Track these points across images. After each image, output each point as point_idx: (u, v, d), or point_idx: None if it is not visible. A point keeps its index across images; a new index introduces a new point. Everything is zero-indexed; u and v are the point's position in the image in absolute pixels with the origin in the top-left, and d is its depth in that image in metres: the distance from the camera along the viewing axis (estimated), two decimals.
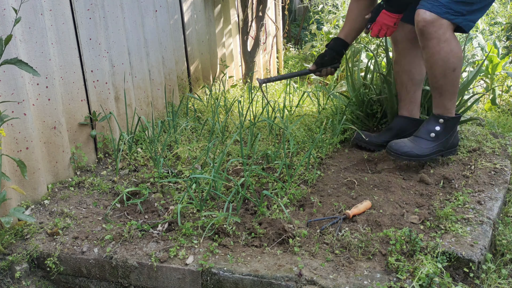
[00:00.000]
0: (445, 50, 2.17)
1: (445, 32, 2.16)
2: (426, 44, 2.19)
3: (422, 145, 2.26)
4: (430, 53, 2.19)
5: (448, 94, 2.25)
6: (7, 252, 1.91)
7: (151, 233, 1.92)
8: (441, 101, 2.27)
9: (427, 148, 2.26)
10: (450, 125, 2.28)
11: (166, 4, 3.05)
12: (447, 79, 2.22)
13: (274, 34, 4.50)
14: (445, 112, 2.28)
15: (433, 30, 2.15)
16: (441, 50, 2.16)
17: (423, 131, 2.29)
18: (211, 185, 2.10)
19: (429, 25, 2.15)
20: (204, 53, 3.59)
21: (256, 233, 1.87)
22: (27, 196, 2.15)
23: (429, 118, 2.32)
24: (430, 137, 2.27)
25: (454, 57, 2.19)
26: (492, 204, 2.00)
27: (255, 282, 1.65)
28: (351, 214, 1.94)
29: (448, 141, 2.30)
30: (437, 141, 2.27)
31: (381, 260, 1.70)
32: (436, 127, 2.27)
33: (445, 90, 2.24)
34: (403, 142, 2.27)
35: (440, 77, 2.22)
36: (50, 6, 2.21)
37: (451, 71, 2.20)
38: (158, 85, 3.03)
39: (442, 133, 2.27)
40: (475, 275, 1.67)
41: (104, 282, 1.87)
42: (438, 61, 2.19)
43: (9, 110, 2.00)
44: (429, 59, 2.21)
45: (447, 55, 2.17)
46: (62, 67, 2.31)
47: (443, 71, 2.20)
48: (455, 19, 2.16)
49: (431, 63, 2.21)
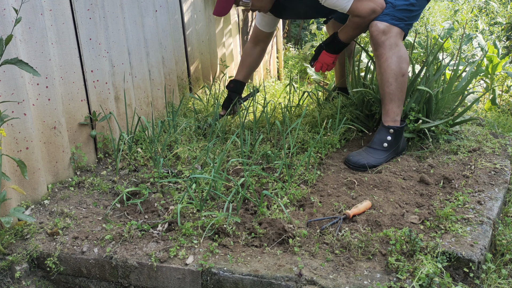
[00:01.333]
0: (396, 56, 2.39)
1: (396, 39, 2.40)
2: (380, 52, 2.42)
3: (377, 155, 2.42)
4: (383, 59, 2.41)
5: (397, 100, 2.44)
6: (7, 252, 1.91)
7: (151, 233, 1.92)
8: (391, 108, 2.44)
9: (382, 158, 2.43)
10: (399, 134, 2.46)
11: (166, 4, 3.05)
12: (398, 84, 2.41)
13: (274, 34, 4.50)
14: (395, 120, 2.45)
15: (385, 38, 2.39)
16: (393, 55, 2.39)
17: (376, 142, 2.45)
18: (211, 185, 2.10)
19: (381, 34, 2.39)
20: (204, 53, 3.59)
21: (256, 233, 1.87)
22: (27, 196, 2.15)
23: (380, 129, 2.47)
24: (383, 147, 2.44)
25: (404, 62, 2.41)
26: (492, 204, 2.00)
27: (255, 282, 1.65)
28: (351, 214, 1.94)
29: (398, 147, 2.48)
30: (390, 149, 2.45)
31: (381, 260, 1.71)
32: (388, 137, 2.43)
33: (395, 95, 2.43)
34: (360, 155, 2.43)
35: (393, 81, 2.41)
36: (50, 6, 2.21)
37: (401, 76, 2.41)
38: (158, 85, 3.03)
39: (394, 142, 2.44)
40: (475, 275, 1.67)
41: (104, 282, 1.87)
42: (391, 65, 2.39)
43: (9, 110, 2.00)
44: (382, 65, 2.42)
45: (398, 60, 2.39)
46: (62, 67, 2.31)
47: (395, 76, 2.40)
48: (399, 25, 2.41)
49: (384, 68, 2.41)
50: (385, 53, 2.40)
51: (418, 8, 2.48)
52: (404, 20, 2.42)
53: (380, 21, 2.40)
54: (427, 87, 2.61)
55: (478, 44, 4.44)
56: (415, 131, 2.60)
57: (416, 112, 2.60)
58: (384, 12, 2.42)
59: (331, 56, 2.70)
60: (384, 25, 2.39)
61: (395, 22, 2.40)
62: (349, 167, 2.42)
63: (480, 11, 6.06)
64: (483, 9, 6.12)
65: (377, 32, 2.40)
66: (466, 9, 5.73)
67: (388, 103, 2.45)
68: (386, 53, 2.39)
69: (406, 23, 2.44)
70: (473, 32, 5.10)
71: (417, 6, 2.46)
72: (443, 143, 2.57)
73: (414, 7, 2.44)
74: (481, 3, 6.13)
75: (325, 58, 2.72)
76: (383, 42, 2.39)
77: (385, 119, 2.47)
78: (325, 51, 2.71)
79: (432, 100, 2.63)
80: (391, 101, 2.44)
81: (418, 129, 2.57)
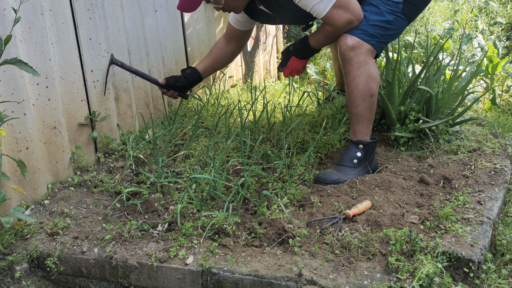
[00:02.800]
0: (365, 75, 2.23)
1: (365, 57, 2.23)
2: (347, 69, 2.26)
3: (347, 172, 2.30)
4: (351, 77, 2.25)
5: (366, 121, 2.31)
6: (7, 252, 1.91)
7: (151, 233, 1.92)
8: (359, 128, 2.32)
9: (352, 175, 2.29)
10: (369, 149, 2.34)
11: (166, 4, 3.05)
12: (365, 105, 2.28)
13: (274, 34, 4.50)
14: (363, 137, 2.33)
15: (354, 55, 2.22)
16: (361, 74, 2.23)
17: (345, 159, 2.33)
18: (211, 185, 2.10)
19: (349, 50, 2.23)
20: (204, 53, 3.58)
21: (256, 233, 1.87)
22: (27, 196, 2.15)
23: (349, 146, 2.36)
24: (353, 163, 2.32)
25: (373, 82, 2.25)
26: (492, 204, 2.00)
27: (255, 282, 1.65)
28: (351, 214, 1.94)
29: (370, 165, 2.35)
30: (359, 166, 2.32)
31: (381, 260, 1.71)
32: (358, 153, 2.32)
33: (363, 116, 2.30)
34: (330, 172, 2.31)
35: (360, 102, 2.27)
36: (50, 6, 2.21)
37: (369, 96, 2.27)
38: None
39: (363, 159, 2.33)
40: (475, 275, 1.67)
41: (104, 282, 1.87)
42: (358, 85, 2.24)
43: (9, 110, 2.00)
44: (350, 83, 2.27)
45: (367, 79, 2.24)
46: (62, 67, 2.31)
47: (363, 97, 2.26)
48: (370, 41, 2.24)
49: (352, 87, 2.26)
50: (353, 71, 2.24)
51: (395, 28, 2.31)
52: (377, 37, 2.26)
53: (350, 35, 2.24)
54: (428, 87, 2.61)
55: (478, 44, 4.44)
56: (415, 131, 2.60)
57: (416, 112, 2.60)
58: (357, 26, 2.26)
59: (300, 61, 2.54)
60: (354, 41, 2.22)
61: (365, 38, 2.23)
62: (319, 183, 2.28)
63: (480, 11, 6.06)
64: (483, 9, 6.12)
65: (345, 47, 2.23)
66: (466, 9, 5.73)
67: (355, 123, 2.32)
68: (354, 71, 2.23)
69: (379, 41, 2.27)
70: (473, 32, 5.11)
71: (394, 26, 2.30)
72: (443, 143, 2.57)
73: (391, 25, 2.28)
74: (481, 3, 6.13)
75: (294, 64, 2.56)
76: (351, 58, 2.23)
77: (354, 136, 2.35)
78: (294, 57, 2.54)
79: (432, 100, 2.63)
80: (358, 122, 2.31)
81: (418, 129, 2.57)
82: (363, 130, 2.33)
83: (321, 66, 4.40)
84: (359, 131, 2.33)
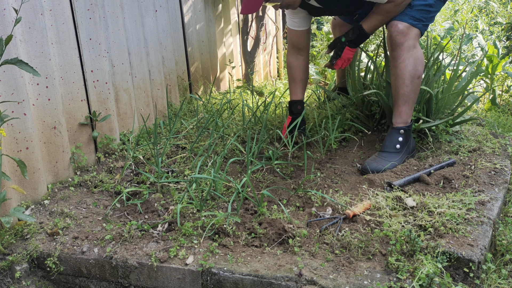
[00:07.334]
0: (414, 58, 2.37)
1: (414, 41, 2.38)
2: (397, 53, 2.38)
3: (391, 159, 2.39)
4: (400, 60, 2.38)
5: (411, 102, 2.43)
6: (7, 252, 1.91)
7: (151, 233, 1.92)
8: (405, 109, 2.43)
9: (397, 160, 2.40)
10: (408, 133, 2.45)
11: (166, 4, 3.05)
12: (413, 86, 2.40)
13: (274, 34, 4.50)
14: (404, 122, 2.44)
15: (404, 40, 2.36)
16: (410, 57, 2.37)
17: (388, 146, 2.43)
18: (211, 185, 2.10)
19: (400, 35, 2.36)
20: (204, 53, 3.59)
21: (256, 233, 1.87)
22: (27, 196, 2.15)
23: (391, 132, 2.46)
24: (396, 149, 2.41)
25: (419, 64, 2.39)
26: (492, 204, 2.00)
27: (255, 282, 1.65)
28: (351, 214, 1.94)
29: (409, 147, 2.47)
30: (402, 150, 2.43)
31: (381, 260, 1.70)
32: (399, 138, 2.42)
33: (409, 97, 2.41)
34: (376, 162, 2.38)
35: (408, 83, 2.39)
36: (50, 6, 2.21)
37: (416, 78, 2.40)
38: (158, 85, 3.03)
39: (405, 143, 2.44)
40: (475, 275, 1.67)
41: (104, 282, 1.87)
42: (408, 67, 2.37)
43: (9, 110, 2.00)
44: (399, 65, 2.39)
45: (415, 61, 2.38)
46: (62, 67, 2.31)
47: (411, 78, 2.39)
48: (417, 25, 2.38)
49: (401, 68, 2.38)
50: (403, 55, 2.37)
51: (435, 10, 2.45)
52: (422, 21, 2.39)
53: (400, 21, 2.37)
54: (428, 87, 2.61)
55: (478, 44, 4.44)
56: (415, 131, 2.60)
57: (417, 112, 2.60)
58: (403, 11, 2.38)
59: (352, 51, 2.63)
60: (404, 26, 2.36)
61: (413, 22, 2.36)
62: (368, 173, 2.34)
63: (480, 11, 6.06)
64: (483, 9, 6.12)
65: (396, 33, 2.36)
66: (466, 9, 5.73)
67: (402, 104, 2.42)
68: (404, 54, 2.36)
69: (424, 24, 2.41)
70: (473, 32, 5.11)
71: (434, 7, 2.43)
72: (443, 143, 2.57)
73: (432, 8, 2.41)
74: (481, 3, 6.13)
75: (348, 54, 2.62)
76: (402, 43, 2.36)
77: (397, 120, 2.45)
78: (348, 47, 2.60)
79: (432, 100, 2.63)
80: (405, 102, 2.42)
81: (419, 129, 2.57)
82: (408, 111, 2.44)
83: (321, 66, 4.40)
84: (405, 112, 2.43)
